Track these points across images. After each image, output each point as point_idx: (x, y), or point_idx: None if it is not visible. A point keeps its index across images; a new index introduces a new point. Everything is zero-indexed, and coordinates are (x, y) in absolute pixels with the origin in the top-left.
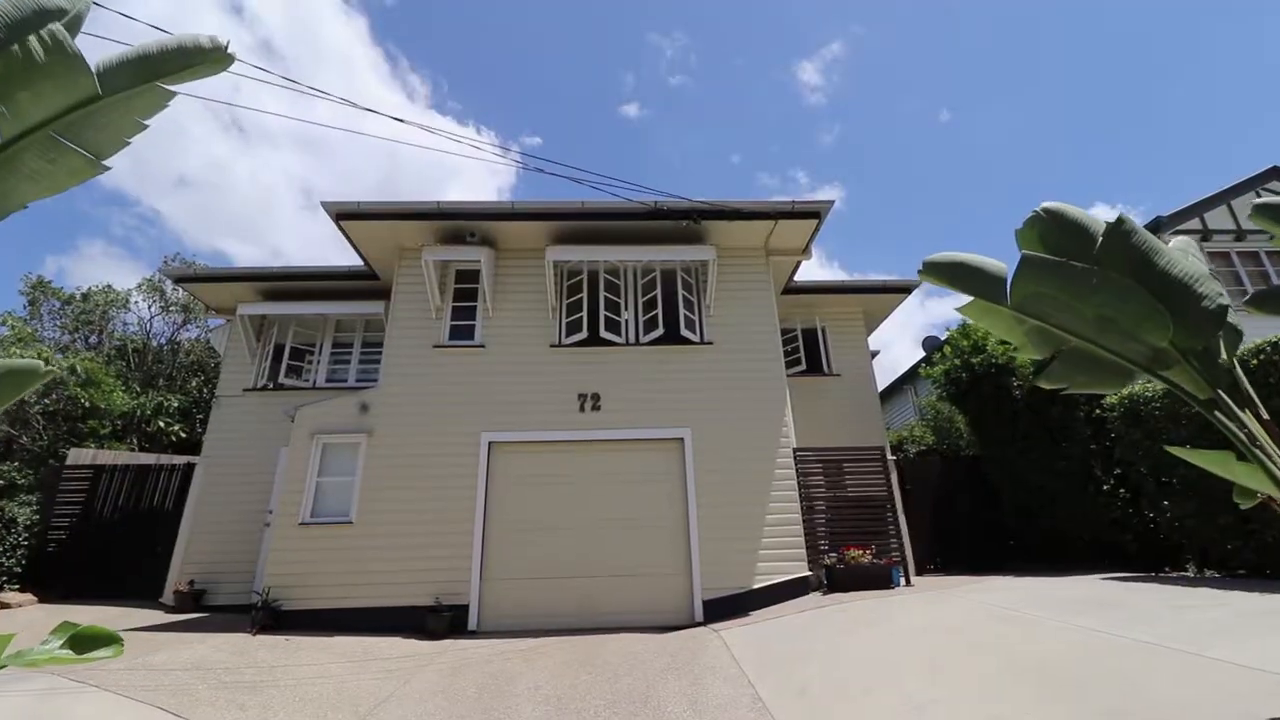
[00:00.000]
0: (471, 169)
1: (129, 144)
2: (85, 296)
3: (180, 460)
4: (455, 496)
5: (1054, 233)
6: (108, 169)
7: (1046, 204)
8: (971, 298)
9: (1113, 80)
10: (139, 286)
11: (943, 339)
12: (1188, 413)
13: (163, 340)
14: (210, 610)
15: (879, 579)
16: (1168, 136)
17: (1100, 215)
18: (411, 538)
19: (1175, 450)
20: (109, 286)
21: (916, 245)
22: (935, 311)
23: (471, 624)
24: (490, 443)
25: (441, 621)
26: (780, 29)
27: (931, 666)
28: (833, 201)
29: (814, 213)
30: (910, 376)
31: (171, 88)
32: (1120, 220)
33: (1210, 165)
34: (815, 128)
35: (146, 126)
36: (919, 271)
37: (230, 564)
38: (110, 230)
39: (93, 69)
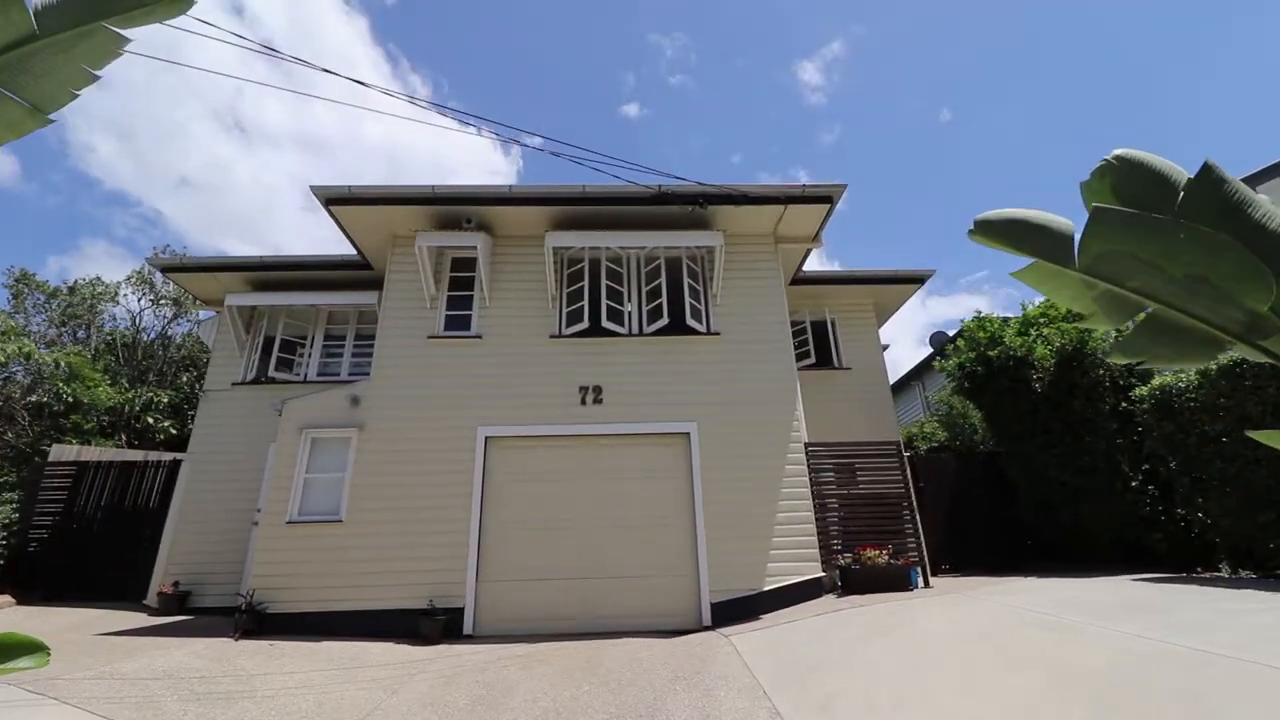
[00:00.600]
0: (471, 170)
1: (77, 96)
2: (72, 289)
3: (167, 457)
4: (450, 494)
5: (1129, 183)
6: (51, 121)
7: (1119, 150)
8: (1031, 260)
9: (1113, 79)
10: (128, 279)
11: (952, 333)
12: (1225, 404)
13: (153, 335)
14: (196, 613)
15: (896, 580)
16: (1168, 135)
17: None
18: (404, 537)
19: (1260, 435)
20: (97, 278)
21: (917, 245)
22: (936, 311)
23: (467, 628)
24: (487, 437)
25: (435, 625)
26: (781, 29)
27: (968, 678)
28: (845, 185)
29: (825, 197)
30: (918, 373)
31: (123, 31)
32: (1208, 167)
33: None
34: (816, 127)
35: (97, 78)
36: (970, 232)
37: (217, 564)
38: (112, 231)
39: (29, 6)
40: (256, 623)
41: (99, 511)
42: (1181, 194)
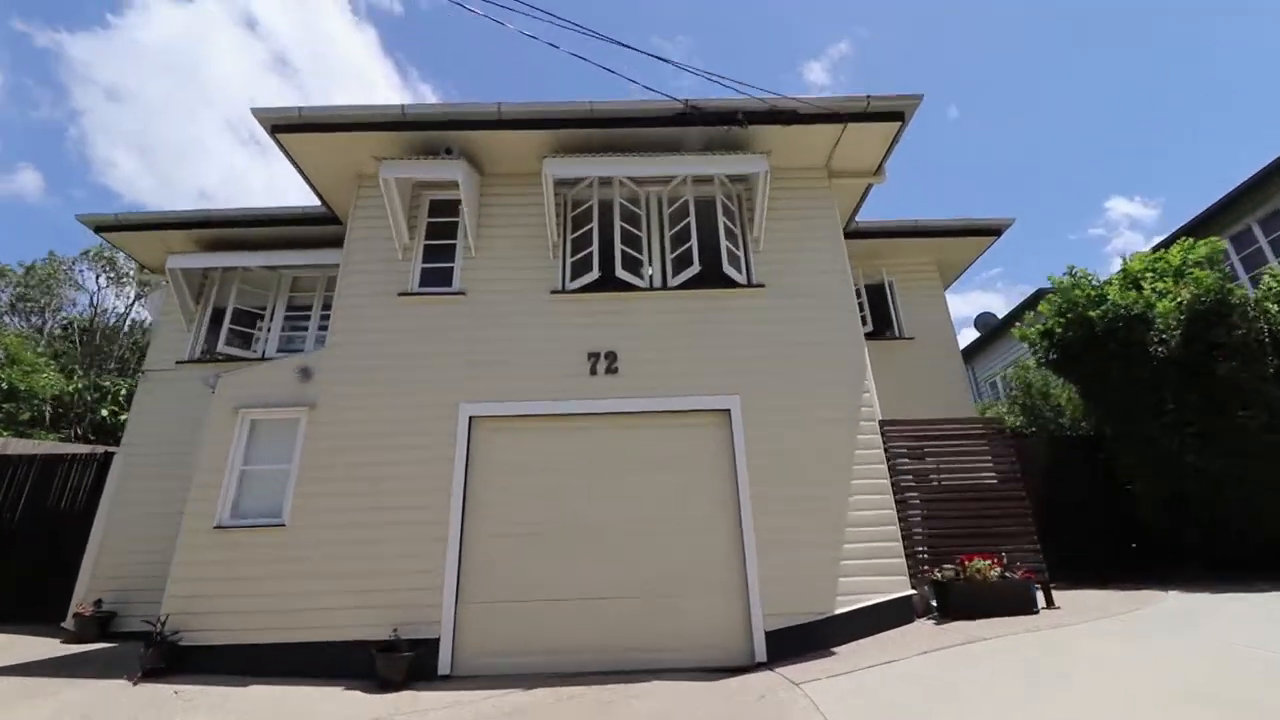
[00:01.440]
0: None
1: None
2: (29, 269)
3: (99, 450)
4: (424, 489)
5: None
6: None
7: None
8: None
9: (1119, 78)
10: (85, 254)
11: (1011, 307)
12: None
13: (112, 319)
14: (119, 639)
15: (1015, 600)
16: (1175, 134)
17: (1119, 210)
18: (363, 545)
19: None
20: (51, 254)
21: None
22: (949, 308)
23: (443, 666)
24: (471, 417)
25: (399, 664)
26: (787, 31)
27: None
28: (920, 97)
29: (896, 113)
30: (968, 356)
31: None
32: None
33: (1218, 165)
34: None
35: None
36: None
37: (151, 579)
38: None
39: None
40: (168, 659)
41: (16, 515)
42: None
